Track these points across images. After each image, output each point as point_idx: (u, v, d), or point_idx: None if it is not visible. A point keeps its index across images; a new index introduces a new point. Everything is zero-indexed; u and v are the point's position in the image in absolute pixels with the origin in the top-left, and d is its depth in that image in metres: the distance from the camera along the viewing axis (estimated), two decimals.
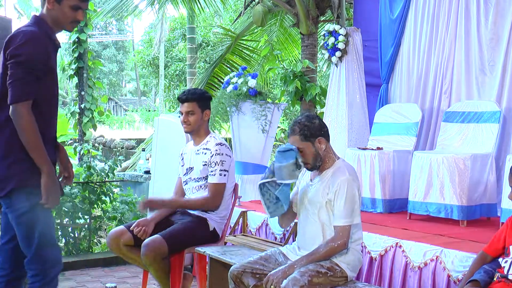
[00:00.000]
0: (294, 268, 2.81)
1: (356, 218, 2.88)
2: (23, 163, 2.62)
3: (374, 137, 5.19)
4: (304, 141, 2.90)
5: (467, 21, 4.97)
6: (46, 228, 2.69)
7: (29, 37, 2.59)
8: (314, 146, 2.91)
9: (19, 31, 2.65)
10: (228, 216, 3.88)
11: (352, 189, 2.85)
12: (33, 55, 2.58)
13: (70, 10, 2.70)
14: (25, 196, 2.63)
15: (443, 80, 5.13)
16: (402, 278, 3.32)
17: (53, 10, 2.70)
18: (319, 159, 2.94)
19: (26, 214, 2.64)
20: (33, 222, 2.64)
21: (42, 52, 2.61)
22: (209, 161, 3.69)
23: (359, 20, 6.19)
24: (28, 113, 2.55)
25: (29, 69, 2.56)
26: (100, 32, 34.06)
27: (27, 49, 2.56)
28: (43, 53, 2.62)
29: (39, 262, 2.67)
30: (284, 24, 8.92)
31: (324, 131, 2.95)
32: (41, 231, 2.66)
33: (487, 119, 4.39)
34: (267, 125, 5.70)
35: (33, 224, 2.64)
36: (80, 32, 7.50)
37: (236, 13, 12.84)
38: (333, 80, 5.91)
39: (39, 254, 2.66)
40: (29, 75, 2.56)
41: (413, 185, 4.27)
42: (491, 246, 2.70)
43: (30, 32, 2.62)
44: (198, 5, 8.61)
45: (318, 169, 2.99)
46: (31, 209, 2.63)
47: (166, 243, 3.45)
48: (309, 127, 2.90)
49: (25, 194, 2.63)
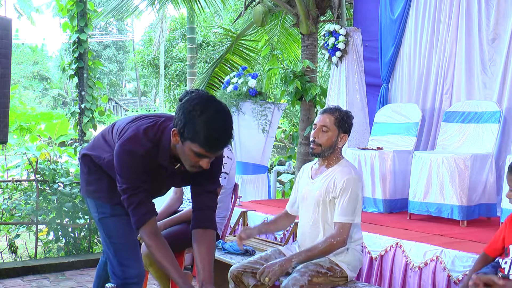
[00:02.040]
0: (291, 262, 2.80)
1: (357, 217, 2.88)
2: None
3: (374, 137, 5.19)
4: (334, 125, 2.92)
5: (468, 21, 4.97)
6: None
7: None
8: (338, 136, 2.92)
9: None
10: (228, 216, 3.88)
11: (357, 188, 2.85)
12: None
13: (193, 154, 2.22)
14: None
15: (444, 80, 5.12)
16: (402, 278, 3.31)
17: (176, 144, 2.28)
18: (331, 151, 2.93)
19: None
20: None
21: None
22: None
23: (359, 20, 6.18)
24: (146, 237, 2.42)
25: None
26: (100, 32, 34.07)
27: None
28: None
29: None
30: (285, 24, 8.91)
31: (349, 133, 3.00)
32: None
33: (487, 119, 4.39)
34: (267, 125, 5.71)
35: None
36: (80, 32, 7.51)
37: (236, 13, 12.84)
38: (333, 80, 5.92)
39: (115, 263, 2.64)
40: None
41: (413, 185, 4.27)
42: (491, 246, 2.68)
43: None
44: (198, 5, 8.61)
45: (321, 166, 2.98)
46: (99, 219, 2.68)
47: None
48: (347, 119, 2.96)
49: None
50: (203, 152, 2.20)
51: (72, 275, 4.93)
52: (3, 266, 4.97)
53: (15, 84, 24.37)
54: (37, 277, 4.86)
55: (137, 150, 2.32)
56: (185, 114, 2.17)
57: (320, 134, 2.92)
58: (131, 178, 2.35)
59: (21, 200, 5.45)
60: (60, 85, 30.35)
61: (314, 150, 2.94)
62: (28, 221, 5.38)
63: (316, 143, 2.92)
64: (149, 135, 2.35)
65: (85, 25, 7.52)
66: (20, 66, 31.52)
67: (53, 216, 5.34)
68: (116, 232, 2.64)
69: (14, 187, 5.60)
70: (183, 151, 2.24)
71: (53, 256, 5.36)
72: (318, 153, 2.94)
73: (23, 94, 27.62)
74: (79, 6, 7.46)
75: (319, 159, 3.00)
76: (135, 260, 2.64)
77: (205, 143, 2.17)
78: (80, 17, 7.49)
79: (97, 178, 2.66)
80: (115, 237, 2.64)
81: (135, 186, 2.36)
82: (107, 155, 2.56)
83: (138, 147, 2.32)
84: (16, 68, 29.54)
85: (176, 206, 3.88)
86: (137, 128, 2.37)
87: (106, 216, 2.64)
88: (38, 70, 33.02)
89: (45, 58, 35.13)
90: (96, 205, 2.66)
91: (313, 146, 2.94)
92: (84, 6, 7.51)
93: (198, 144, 2.17)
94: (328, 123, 2.91)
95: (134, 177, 2.35)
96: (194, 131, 2.15)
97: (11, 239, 5.51)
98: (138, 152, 2.32)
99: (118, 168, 2.36)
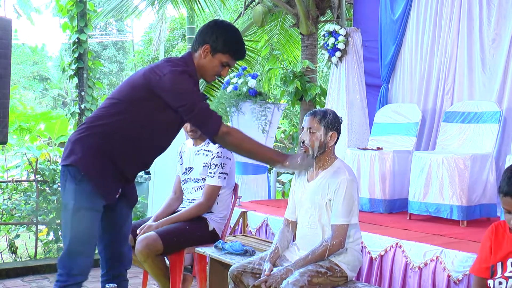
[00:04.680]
0: (292, 271, 2.80)
1: (354, 218, 2.88)
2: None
3: (374, 137, 5.19)
4: (320, 125, 2.92)
5: (469, 21, 4.96)
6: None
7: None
8: (326, 135, 2.93)
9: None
10: (228, 217, 3.88)
11: (352, 189, 2.86)
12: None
13: (219, 65, 2.73)
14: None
15: (445, 80, 5.12)
16: (402, 278, 3.31)
17: (204, 59, 2.73)
18: (322, 151, 2.94)
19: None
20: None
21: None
22: (209, 162, 3.69)
23: (359, 20, 6.18)
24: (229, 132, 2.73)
25: None
26: (100, 33, 34.05)
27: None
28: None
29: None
30: (285, 24, 8.92)
31: (339, 130, 2.99)
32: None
33: (487, 119, 4.39)
34: (267, 125, 5.71)
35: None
36: (80, 33, 7.51)
37: (236, 13, 12.83)
38: (333, 80, 5.92)
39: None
40: None
41: (413, 185, 4.27)
42: (481, 265, 2.36)
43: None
44: (198, 5, 8.61)
45: (316, 168, 2.99)
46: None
47: (160, 239, 3.45)
48: (332, 117, 2.96)
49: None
50: (230, 61, 2.73)
51: None
52: (3, 266, 4.98)
53: (15, 84, 24.36)
54: (37, 277, 4.86)
55: (185, 69, 2.64)
56: (217, 32, 2.70)
57: (308, 136, 2.93)
58: (192, 92, 2.63)
59: (21, 201, 5.45)
60: (60, 86, 30.33)
61: (304, 152, 2.96)
62: (28, 221, 5.39)
63: (306, 145, 2.95)
64: (177, 61, 2.70)
65: (85, 25, 7.53)
66: (20, 66, 31.50)
67: (53, 216, 5.34)
68: (82, 226, 2.65)
69: (14, 187, 5.61)
70: (211, 64, 2.72)
71: (53, 256, 5.36)
72: (309, 155, 2.96)
73: (23, 94, 27.60)
74: (79, 6, 7.46)
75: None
76: (86, 256, 2.68)
77: (235, 52, 2.74)
78: (80, 18, 7.50)
79: (101, 163, 2.66)
80: (77, 229, 2.65)
81: (199, 98, 2.64)
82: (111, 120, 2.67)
83: (184, 67, 2.65)
84: (16, 69, 29.52)
85: (175, 206, 3.89)
86: (165, 60, 2.70)
87: (82, 206, 2.63)
88: (38, 70, 33.01)
89: (45, 58, 35.12)
90: (76, 191, 2.63)
91: (304, 149, 2.96)
92: (84, 7, 7.51)
93: (229, 54, 2.72)
94: (314, 124, 2.93)
95: (193, 91, 2.64)
96: (229, 44, 2.71)
97: (11, 239, 5.51)
98: (185, 71, 2.64)
99: (178, 90, 2.60)
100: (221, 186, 3.69)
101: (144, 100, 2.62)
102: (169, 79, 2.58)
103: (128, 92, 2.67)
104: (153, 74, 2.61)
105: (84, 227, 2.64)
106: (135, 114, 2.64)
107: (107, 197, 2.67)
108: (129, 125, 2.65)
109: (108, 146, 2.64)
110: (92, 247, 2.73)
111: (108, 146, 2.64)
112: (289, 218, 3.13)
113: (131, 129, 2.65)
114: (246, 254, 3.46)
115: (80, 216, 2.63)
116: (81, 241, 2.65)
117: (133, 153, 2.70)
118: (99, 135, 2.64)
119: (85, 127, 2.68)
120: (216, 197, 3.71)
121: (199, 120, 2.67)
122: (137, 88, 2.65)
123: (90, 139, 2.64)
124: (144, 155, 2.77)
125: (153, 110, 2.63)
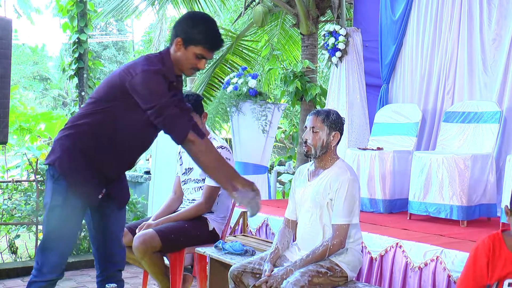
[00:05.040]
0: (292, 272, 2.80)
1: (355, 218, 2.88)
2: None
3: (374, 137, 5.19)
4: (324, 124, 2.93)
5: (470, 21, 4.96)
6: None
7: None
8: (329, 135, 2.93)
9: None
10: (228, 217, 3.88)
11: (353, 189, 2.86)
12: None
13: (194, 57, 2.66)
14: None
15: (446, 80, 5.12)
16: (402, 278, 3.31)
17: (178, 53, 2.67)
18: (324, 151, 2.94)
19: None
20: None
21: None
22: None
23: (359, 20, 6.19)
24: (195, 141, 2.66)
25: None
26: (100, 33, 34.05)
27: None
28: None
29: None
30: (285, 24, 8.92)
31: (342, 131, 3.00)
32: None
33: (487, 119, 4.39)
34: (267, 126, 5.71)
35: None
36: (80, 33, 7.51)
37: (236, 13, 12.83)
38: (333, 80, 5.92)
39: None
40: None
41: (413, 185, 4.27)
42: (476, 284, 2.19)
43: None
44: (198, 5, 8.61)
45: (317, 167, 2.99)
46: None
47: (158, 236, 3.44)
48: (335, 117, 2.97)
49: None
50: (204, 53, 2.65)
51: (72, 275, 4.93)
52: (3, 266, 4.98)
53: (15, 84, 24.36)
54: None
55: (158, 69, 2.60)
56: (187, 25, 2.65)
57: (311, 135, 2.93)
58: (163, 94, 2.57)
59: (21, 201, 5.45)
60: (60, 86, 30.32)
61: (307, 151, 2.97)
62: (28, 222, 5.39)
63: (308, 144, 2.94)
64: (153, 58, 2.67)
65: (85, 25, 7.52)
66: (20, 66, 31.50)
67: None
68: (55, 224, 2.69)
69: (14, 188, 5.61)
70: (185, 56, 2.65)
71: None
72: (311, 154, 2.96)
73: (23, 94, 27.60)
74: (79, 6, 7.46)
75: (314, 161, 3.01)
76: (57, 254, 2.71)
77: (206, 43, 2.64)
78: (80, 18, 7.49)
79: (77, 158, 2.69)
80: (51, 227, 2.70)
81: (169, 101, 2.58)
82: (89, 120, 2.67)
83: (157, 66, 2.61)
84: (16, 69, 29.51)
85: (175, 206, 3.89)
86: (143, 58, 2.66)
87: (57, 204, 2.67)
88: (38, 70, 33.00)
89: (45, 59, 35.10)
90: (53, 190, 2.68)
91: (306, 148, 2.96)
92: (84, 7, 7.51)
93: (204, 45, 2.64)
94: (317, 123, 2.94)
95: (164, 94, 2.57)
96: (200, 35, 2.62)
97: (11, 239, 5.51)
98: (159, 70, 2.59)
99: (149, 90, 2.55)
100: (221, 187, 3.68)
101: (119, 99, 2.62)
102: (140, 79, 2.56)
103: (104, 91, 2.69)
104: (127, 74, 2.60)
105: (57, 225, 2.68)
106: (111, 113, 2.64)
107: (85, 197, 2.70)
108: (106, 124, 2.66)
109: (85, 145, 2.66)
110: (66, 246, 2.75)
111: (86, 145, 2.66)
112: (289, 218, 3.13)
113: (108, 128, 2.66)
114: (246, 254, 3.46)
115: (54, 214, 2.68)
116: (53, 238, 2.69)
117: (111, 152, 2.71)
118: (78, 135, 2.67)
119: (66, 126, 2.72)
120: (216, 197, 3.71)
121: (165, 125, 2.60)
122: (113, 87, 2.66)
123: (69, 138, 2.68)
124: (124, 154, 2.77)
125: (128, 109, 2.62)
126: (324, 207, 2.90)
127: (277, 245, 3.01)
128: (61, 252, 2.72)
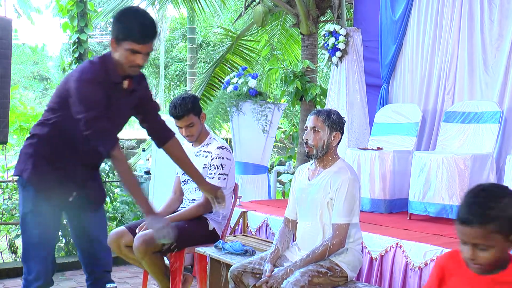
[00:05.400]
0: (292, 272, 2.81)
1: (355, 217, 2.88)
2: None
3: (374, 137, 5.19)
4: (324, 125, 2.93)
5: (470, 21, 4.95)
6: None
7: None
8: (330, 135, 2.93)
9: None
10: (228, 217, 3.88)
11: (353, 188, 2.86)
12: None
13: (129, 53, 2.63)
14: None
15: (446, 80, 5.12)
16: (403, 278, 3.31)
17: (115, 53, 2.67)
18: (325, 151, 2.94)
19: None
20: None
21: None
22: (209, 163, 3.69)
23: (360, 20, 6.18)
24: (118, 161, 2.71)
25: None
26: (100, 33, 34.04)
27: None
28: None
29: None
30: (285, 24, 8.92)
31: (343, 131, 3.00)
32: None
33: (487, 119, 4.39)
34: (267, 125, 5.71)
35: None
36: (81, 33, 7.50)
37: (236, 13, 12.84)
38: (333, 80, 5.91)
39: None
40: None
41: (413, 185, 4.27)
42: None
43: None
44: (198, 5, 8.61)
45: (318, 167, 2.99)
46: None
47: None
48: (336, 117, 2.97)
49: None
50: (134, 46, 2.59)
51: (72, 275, 4.93)
52: (4, 266, 4.98)
53: (15, 84, 24.36)
54: None
55: (94, 77, 2.59)
56: (114, 23, 2.64)
57: (312, 135, 2.93)
58: (94, 106, 2.57)
59: None
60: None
61: (309, 152, 2.97)
62: None
63: (309, 145, 2.94)
64: (95, 62, 2.67)
65: (85, 25, 7.52)
66: (20, 66, 31.50)
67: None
68: (30, 231, 2.73)
69: (14, 187, 5.60)
70: (121, 54, 2.62)
71: None
72: (312, 154, 2.96)
73: (23, 94, 27.61)
74: (79, 6, 7.45)
75: (315, 161, 3.01)
76: (38, 261, 2.74)
77: (131, 36, 2.59)
78: (80, 17, 7.48)
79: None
80: (26, 235, 2.74)
81: (99, 114, 2.57)
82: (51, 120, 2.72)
83: (93, 74, 2.60)
84: (16, 69, 29.51)
85: (175, 207, 3.88)
86: (83, 65, 2.68)
87: (28, 211, 2.72)
88: (38, 70, 33.00)
89: (45, 58, 35.09)
90: (23, 198, 2.74)
91: (307, 149, 2.96)
92: (84, 6, 7.50)
93: (131, 39, 2.59)
94: (318, 123, 2.94)
95: (96, 105, 2.57)
96: (125, 30, 2.60)
97: (11, 239, 5.51)
98: (95, 78, 2.58)
99: (79, 100, 2.56)
100: (221, 187, 3.68)
101: (66, 103, 2.65)
102: (74, 89, 2.59)
103: (55, 99, 2.74)
104: (68, 79, 2.66)
105: (33, 233, 2.72)
106: (64, 120, 2.68)
107: (54, 200, 2.72)
108: (62, 131, 2.70)
109: (47, 152, 2.71)
110: (45, 252, 2.78)
111: (48, 152, 2.71)
112: (289, 217, 3.13)
113: (64, 135, 2.70)
114: (246, 254, 3.46)
115: (28, 222, 2.72)
116: (31, 246, 2.73)
117: (72, 156, 2.74)
118: (38, 142, 2.73)
119: (29, 136, 2.79)
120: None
121: (92, 139, 2.62)
122: (61, 96, 2.70)
123: (31, 146, 2.74)
124: (84, 158, 2.79)
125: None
126: (324, 207, 2.90)
127: (277, 245, 3.01)
128: (42, 259, 2.75)
